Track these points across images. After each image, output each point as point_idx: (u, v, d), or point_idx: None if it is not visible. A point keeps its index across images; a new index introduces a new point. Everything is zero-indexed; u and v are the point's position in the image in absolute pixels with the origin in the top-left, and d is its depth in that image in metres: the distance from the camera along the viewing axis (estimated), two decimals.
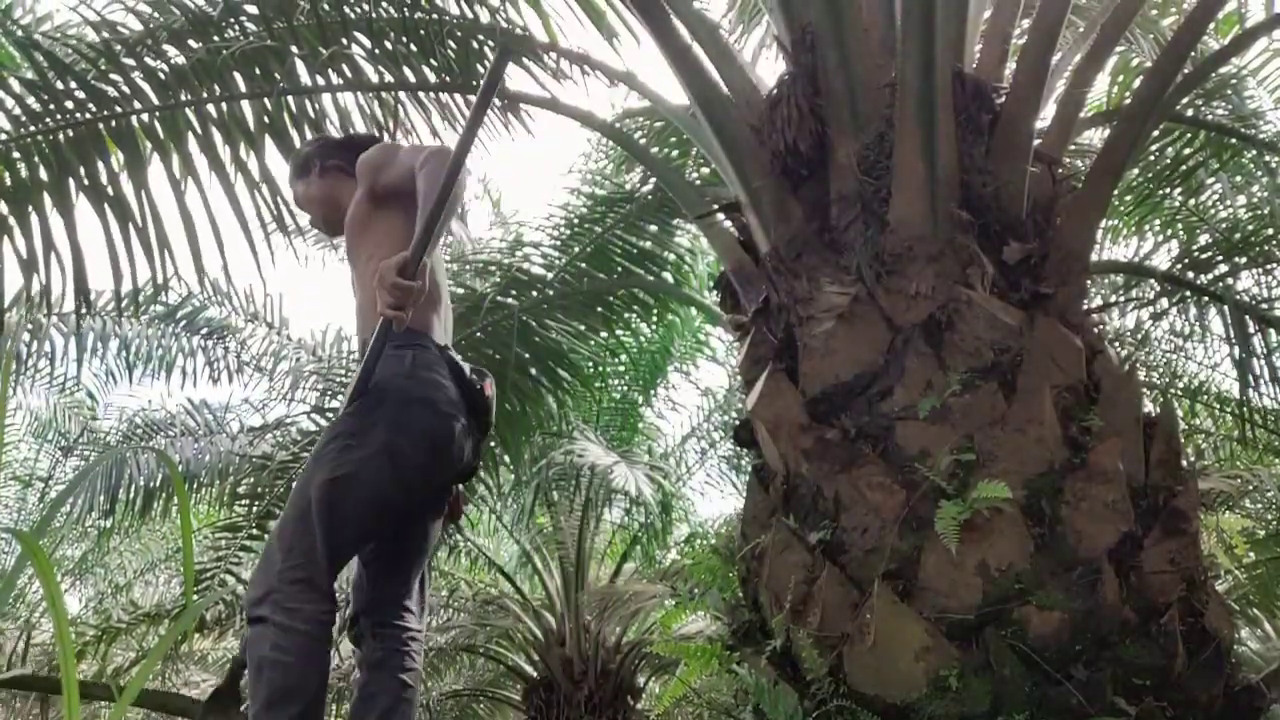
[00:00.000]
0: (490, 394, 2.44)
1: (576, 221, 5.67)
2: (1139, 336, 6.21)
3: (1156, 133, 5.01)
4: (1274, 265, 5.22)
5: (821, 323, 3.05)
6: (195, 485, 7.10)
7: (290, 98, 4.01)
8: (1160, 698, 2.49)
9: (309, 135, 4.07)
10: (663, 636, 7.93)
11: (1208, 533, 3.22)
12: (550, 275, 5.54)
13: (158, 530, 11.39)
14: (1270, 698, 2.69)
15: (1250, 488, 6.79)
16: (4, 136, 3.67)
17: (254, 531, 5.85)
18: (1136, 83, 4.87)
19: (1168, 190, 5.49)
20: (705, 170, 5.33)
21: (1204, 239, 5.57)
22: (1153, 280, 5.44)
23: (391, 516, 2.18)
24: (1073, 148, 4.71)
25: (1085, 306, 3.23)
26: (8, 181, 3.72)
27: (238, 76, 3.91)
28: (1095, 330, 3.21)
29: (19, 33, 3.99)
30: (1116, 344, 5.97)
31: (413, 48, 4.13)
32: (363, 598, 2.33)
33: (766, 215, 3.33)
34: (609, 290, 5.63)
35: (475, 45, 4.23)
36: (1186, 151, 5.25)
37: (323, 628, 1.97)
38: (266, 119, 3.99)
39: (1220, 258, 5.25)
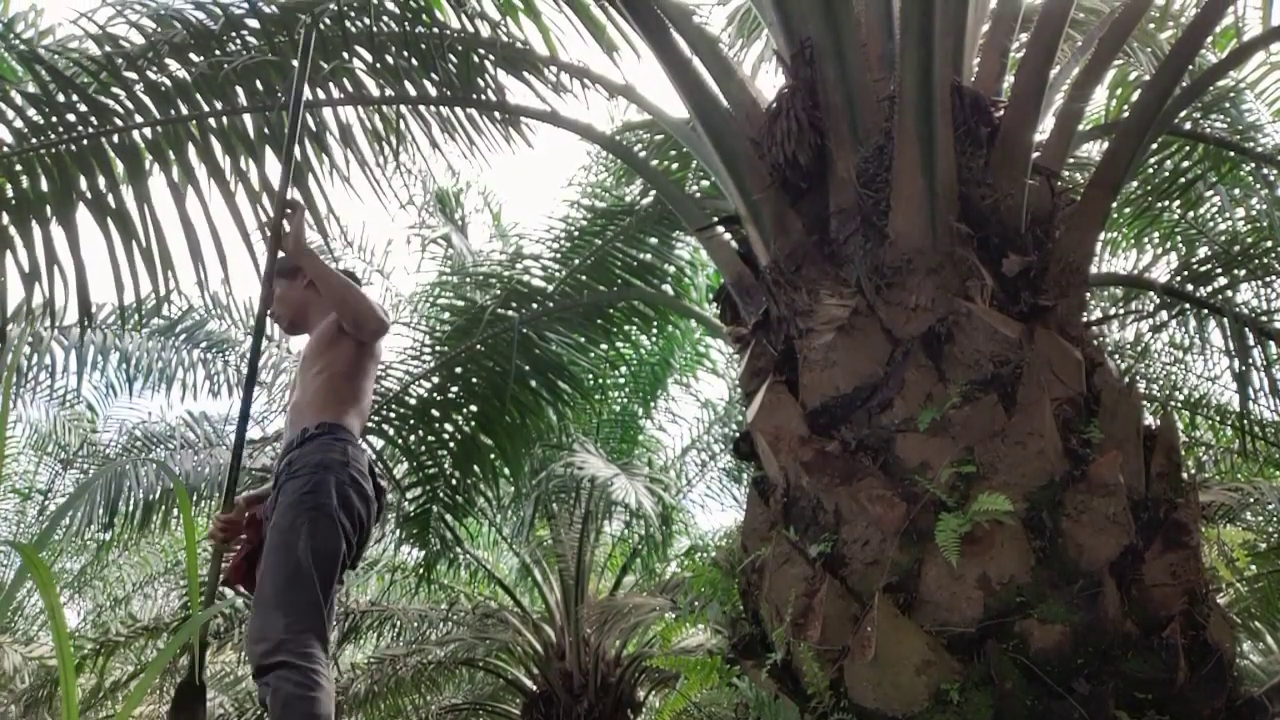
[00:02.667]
0: (385, 487, 2.89)
1: (577, 234, 5.68)
2: (1139, 349, 6.21)
3: (1155, 146, 5.02)
4: (1273, 278, 5.22)
5: (821, 335, 3.05)
6: (195, 498, 7.09)
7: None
8: (1162, 711, 2.49)
9: (310, 148, 4.08)
10: (663, 650, 7.90)
11: (1209, 545, 3.21)
12: (550, 288, 5.55)
13: (156, 543, 11.37)
14: (1273, 711, 2.68)
15: (1251, 500, 6.78)
16: (6, 149, 3.68)
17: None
18: (1135, 96, 4.88)
19: (1167, 203, 5.50)
20: (705, 183, 5.34)
21: (1203, 251, 5.57)
22: (1152, 293, 5.44)
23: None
24: (1071, 161, 4.72)
25: (1085, 319, 3.23)
26: (10, 194, 3.73)
27: (239, 89, 3.93)
28: (1095, 343, 3.21)
29: (22, 46, 4.00)
30: (1116, 356, 5.98)
31: (413, 62, 4.14)
32: None
33: (766, 228, 3.33)
34: (609, 302, 5.63)
35: (476, 59, 4.25)
36: (1185, 164, 5.26)
37: (328, 668, 2.30)
38: (267, 130, 4.00)
39: (1219, 270, 5.25)
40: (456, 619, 9.71)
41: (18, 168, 3.71)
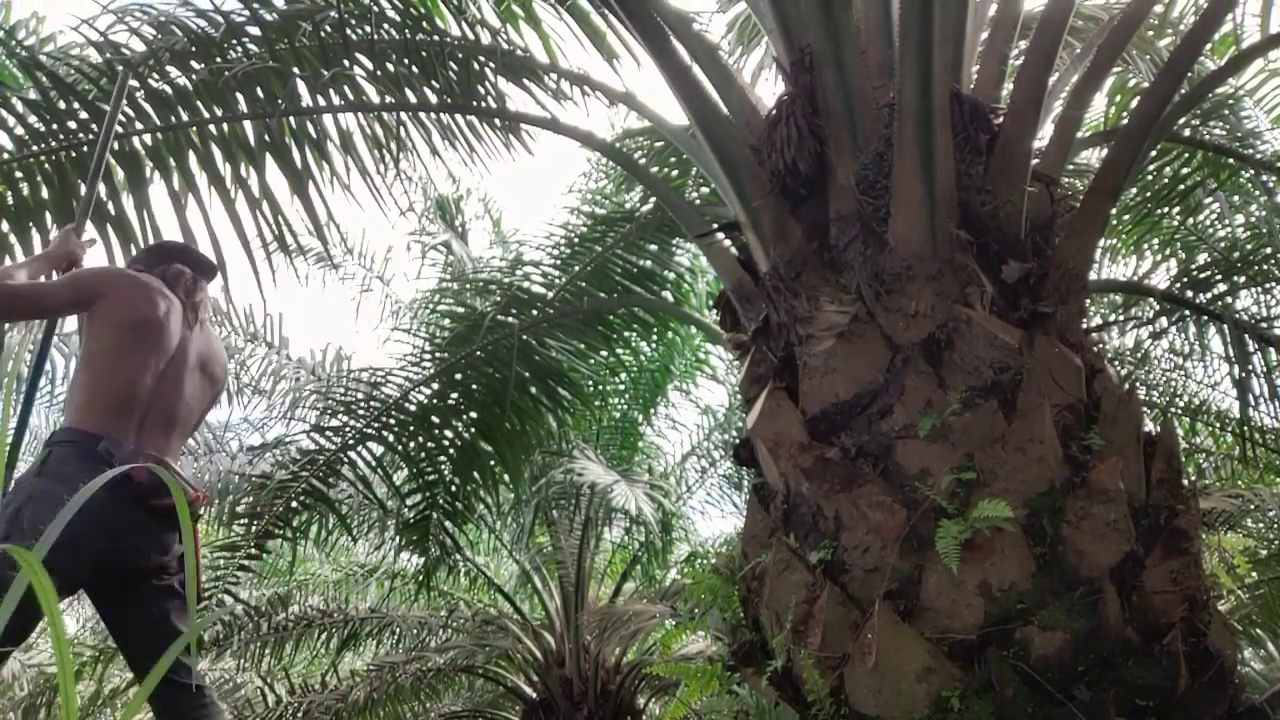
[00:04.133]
0: (143, 479, 2.41)
1: (577, 240, 5.68)
2: (1138, 355, 6.22)
3: (1154, 152, 5.03)
4: (1273, 284, 5.22)
5: (821, 341, 3.05)
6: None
7: (291, 117, 4.03)
8: (1163, 718, 2.48)
9: (310, 154, 4.09)
10: (663, 657, 7.89)
11: (1209, 552, 3.21)
12: (550, 294, 5.55)
13: None
14: (1274, 718, 2.67)
15: (1252, 507, 6.77)
16: (7, 156, 3.69)
17: (252, 550, 5.83)
18: (1134, 103, 4.89)
19: (1166, 209, 5.51)
20: (705, 190, 5.35)
21: (1202, 258, 5.58)
22: (1152, 299, 5.45)
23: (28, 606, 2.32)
24: (1071, 167, 4.74)
25: (1084, 325, 3.23)
26: (10, 201, 3.73)
27: (239, 96, 3.93)
28: (1095, 349, 3.21)
29: (22, 53, 4.01)
30: (1116, 363, 5.98)
31: (414, 69, 4.15)
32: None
33: (766, 234, 3.34)
34: (609, 309, 5.63)
35: (476, 66, 4.26)
36: (1184, 171, 5.27)
37: None
38: (268, 137, 4.01)
39: (1219, 277, 5.26)
40: (456, 626, 9.69)
41: (18, 174, 3.72)
